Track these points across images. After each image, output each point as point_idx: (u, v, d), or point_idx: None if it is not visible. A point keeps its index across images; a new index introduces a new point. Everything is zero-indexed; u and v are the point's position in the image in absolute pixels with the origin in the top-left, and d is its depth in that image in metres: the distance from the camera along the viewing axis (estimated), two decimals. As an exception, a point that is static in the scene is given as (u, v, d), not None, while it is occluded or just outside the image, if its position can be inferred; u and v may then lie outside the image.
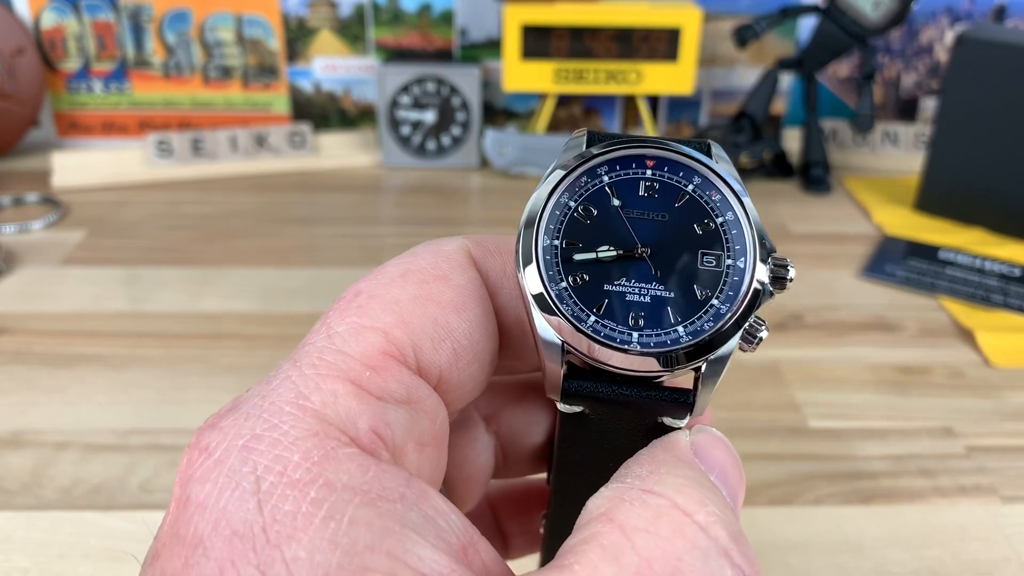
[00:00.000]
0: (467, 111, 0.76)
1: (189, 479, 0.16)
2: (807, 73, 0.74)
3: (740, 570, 0.16)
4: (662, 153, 0.20)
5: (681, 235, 0.19)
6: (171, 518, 0.16)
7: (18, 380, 0.46)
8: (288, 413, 0.16)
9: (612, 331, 0.19)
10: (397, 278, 0.19)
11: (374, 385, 0.17)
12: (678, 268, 0.19)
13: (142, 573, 0.16)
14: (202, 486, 0.16)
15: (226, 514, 0.15)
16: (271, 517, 0.15)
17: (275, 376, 0.17)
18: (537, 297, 0.19)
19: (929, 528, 0.37)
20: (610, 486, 0.17)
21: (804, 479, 0.40)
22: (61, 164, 0.72)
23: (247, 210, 0.69)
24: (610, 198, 0.20)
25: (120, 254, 0.61)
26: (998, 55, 0.62)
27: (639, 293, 0.19)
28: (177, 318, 0.52)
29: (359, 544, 0.15)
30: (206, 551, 0.15)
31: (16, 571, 0.34)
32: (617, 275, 0.19)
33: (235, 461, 0.16)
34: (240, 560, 0.15)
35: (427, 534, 0.16)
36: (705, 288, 0.19)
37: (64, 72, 0.78)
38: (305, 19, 0.77)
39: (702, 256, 0.19)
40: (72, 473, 0.39)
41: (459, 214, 0.69)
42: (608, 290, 0.19)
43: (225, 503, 0.15)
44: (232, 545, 0.15)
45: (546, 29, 0.71)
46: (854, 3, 0.69)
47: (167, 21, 0.77)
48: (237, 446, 0.16)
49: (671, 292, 0.19)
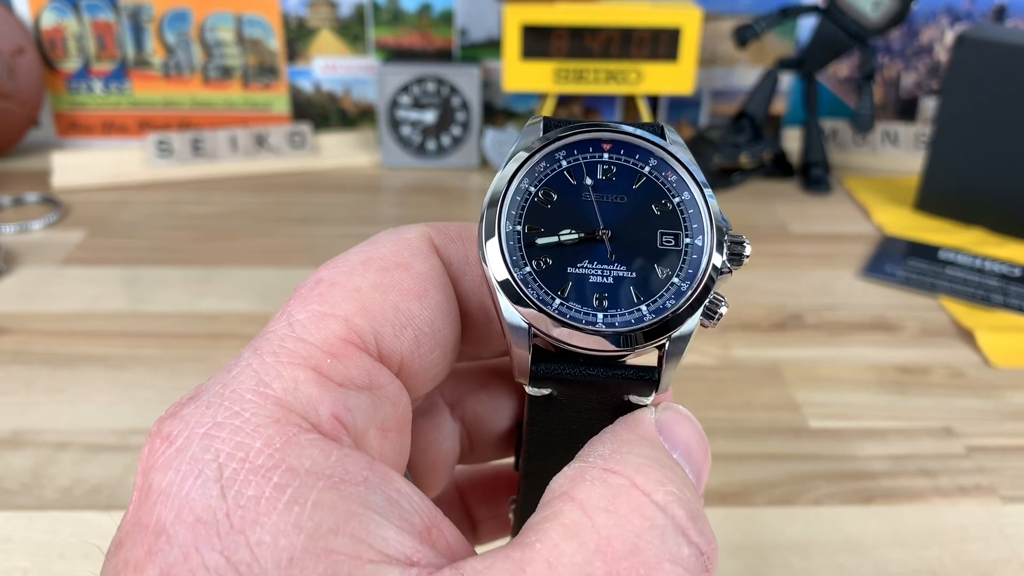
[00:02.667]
0: (467, 111, 0.76)
1: (151, 468, 0.16)
2: (807, 73, 0.74)
3: (697, 548, 0.16)
4: (618, 137, 0.20)
5: (640, 216, 0.20)
6: (133, 507, 0.16)
7: (18, 380, 0.46)
8: (249, 400, 0.16)
9: (577, 313, 0.19)
10: (358, 266, 0.19)
11: (335, 372, 0.17)
12: (638, 248, 0.20)
13: (105, 563, 0.16)
14: (164, 474, 0.16)
15: (189, 501, 0.15)
16: (235, 503, 0.15)
17: (236, 364, 0.18)
18: (503, 283, 0.19)
19: (929, 528, 0.37)
20: (573, 465, 0.17)
21: (804, 479, 0.40)
22: (61, 164, 0.72)
23: (247, 210, 0.69)
24: (569, 182, 0.20)
25: (120, 254, 0.61)
26: (998, 55, 0.62)
27: (602, 274, 0.19)
28: (177, 318, 0.52)
29: (323, 527, 0.15)
30: (169, 538, 0.15)
31: (16, 571, 0.34)
32: (580, 258, 0.19)
33: (197, 449, 0.16)
34: (204, 546, 0.15)
35: (391, 516, 0.16)
36: (665, 267, 0.19)
37: (64, 72, 0.78)
38: (305, 19, 0.77)
39: (661, 236, 0.20)
40: (72, 473, 0.39)
41: (459, 214, 0.69)
42: (571, 273, 0.19)
43: (188, 490, 0.15)
44: (196, 531, 0.15)
45: (546, 29, 0.71)
46: (854, 3, 0.69)
47: (167, 21, 0.77)
48: (199, 434, 0.16)
49: (633, 272, 0.19)
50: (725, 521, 0.37)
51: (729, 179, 0.74)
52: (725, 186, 0.74)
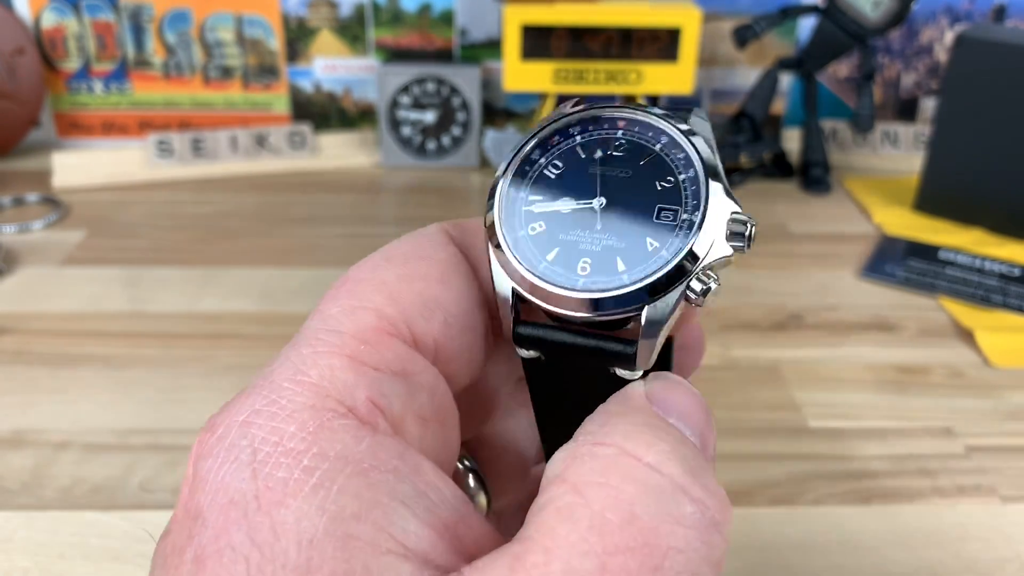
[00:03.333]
0: (467, 111, 0.76)
1: (197, 458, 0.17)
2: (807, 73, 0.74)
3: (700, 503, 0.16)
4: (634, 115, 0.21)
5: (641, 190, 0.20)
6: (183, 498, 0.16)
7: (18, 380, 0.46)
8: (286, 388, 0.17)
9: (559, 275, 0.19)
10: (381, 262, 0.20)
11: (370, 357, 0.18)
12: (633, 221, 0.19)
13: (156, 550, 0.17)
14: (204, 462, 0.16)
15: (223, 485, 0.16)
16: (264, 485, 0.15)
17: (275, 359, 0.18)
18: (495, 244, 0.20)
19: (929, 528, 0.37)
20: (565, 447, 0.17)
21: (804, 479, 0.40)
22: (61, 164, 0.72)
23: (247, 210, 0.69)
24: (579, 156, 0.20)
25: (120, 254, 0.61)
26: (998, 55, 0.62)
27: (591, 243, 0.19)
28: (177, 318, 0.52)
29: (346, 512, 0.15)
30: (204, 521, 0.15)
31: (16, 571, 0.34)
32: (573, 226, 0.20)
33: (235, 436, 0.16)
34: (232, 526, 0.15)
35: (416, 507, 0.16)
36: (656, 240, 0.19)
37: (64, 72, 0.78)
38: (305, 19, 0.77)
39: (659, 211, 0.19)
40: (72, 473, 0.40)
41: (459, 214, 0.69)
42: (562, 239, 0.19)
43: (223, 475, 0.16)
44: (227, 513, 0.15)
45: (546, 29, 0.71)
46: (854, 3, 0.69)
47: (167, 21, 0.77)
48: (237, 422, 0.17)
49: (623, 243, 0.19)
50: (725, 521, 0.37)
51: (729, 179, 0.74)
52: (725, 186, 0.74)
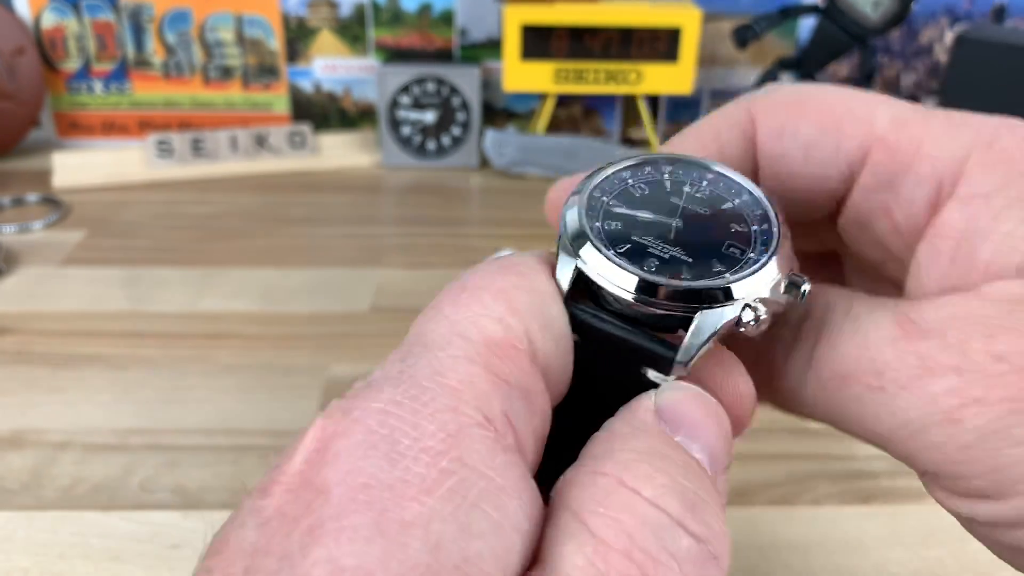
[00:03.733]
0: (467, 111, 0.76)
1: (332, 435, 0.16)
2: (807, 73, 0.74)
3: (695, 538, 0.16)
4: (725, 171, 0.22)
5: (715, 226, 0.21)
6: (300, 467, 0.16)
7: (19, 380, 0.46)
8: (426, 387, 0.16)
9: (626, 262, 0.20)
10: (498, 271, 0.19)
11: (502, 370, 0.17)
12: (704, 243, 0.20)
13: (252, 506, 0.16)
14: (339, 440, 0.16)
15: (358, 467, 0.15)
16: (400, 477, 0.15)
17: (406, 356, 0.18)
18: (573, 229, 0.20)
19: (929, 528, 0.37)
20: (571, 469, 0.17)
21: (804, 479, 0.40)
22: (61, 164, 0.72)
23: (247, 210, 0.69)
24: (664, 187, 0.22)
25: (120, 254, 0.61)
26: (997, 55, 0.62)
27: (660, 250, 0.20)
28: (177, 318, 0.53)
29: (473, 529, 0.15)
30: (328, 498, 0.15)
31: (16, 571, 0.34)
32: (647, 232, 0.20)
33: (373, 422, 0.16)
34: (362, 508, 0.15)
35: (527, 546, 0.16)
36: (721, 265, 0.20)
37: (64, 72, 0.78)
38: (305, 19, 0.78)
39: (729, 245, 0.20)
40: (73, 473, 0.40)
41: (459, 214, 0.69)
42: (635, 239, 0.20)
43: (359, 457, 0.15)
44: (357, 495, 0.15)
45: (546, 29, 0.72)
46: (854, 3, 0.69)
47: (167, 21, 0.77)
48: (375, 408, 0.16)
49: (690, 258, 0.20)
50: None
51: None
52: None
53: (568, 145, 0.75)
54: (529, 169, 0.75)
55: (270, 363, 0.48)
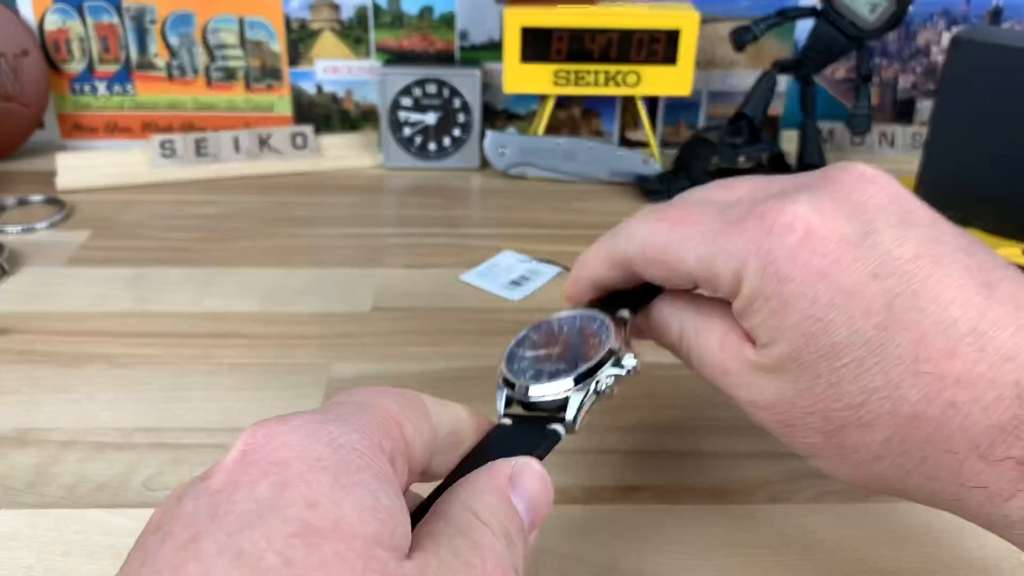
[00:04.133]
0: (468, 113, 0.76)
1: (264, 435, 0.23)
2: (804, 75, 0.74)
3: (518, 553, 0.25)
4: (585, 312, 0.34)
5: (579, 344, 0.33)
6: (239, 455, 0.23)
7: (23, 379, 0.47)
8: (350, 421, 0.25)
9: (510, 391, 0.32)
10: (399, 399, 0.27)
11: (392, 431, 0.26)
12: (572, 358, 0.32)
13: (199, 487, 0.22)
14: (277, 436, 0.23)
15: (302, 444, 0.23)
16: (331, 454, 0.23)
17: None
18: (499, 373, 0.33)
19: (928, 526, 0.38)
20: (449, 491, 0.26)
21: (802, 476, 0.40)
22: (65, 165, 0.73)
23: (250, 211, 0.69)
24: (553, 330, 0.34)
25: (124, 254, 0.61)
26: (994, 57, 0.63)
27: (546, 370, 0.32)
28: (181, 317, 0.53)
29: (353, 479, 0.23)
30: (286, 465, 0.22)
31: (20, 568, 0.35)
32: (535, 362, 0.32)
33: (303, 423, 0.24)
34: (315, 469, 0.22)
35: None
36: (566, 374, 0.31)
37: (68, 74, 0.78)
38: (307, 22, 0.78)
39: (577, 360, 0.31)
40: (77, 471, 0.40)
41: (460, 214, 0.70)
42: (532, 368, 0.32)
43: (302, 437, 0.23)
44: (310, 463, 0.23)
45: (546, 31, 0.72)
46: (851, 6, 0.69)
47: (170, 23, 0.77)
48: (306, 417, 0.25)
49: (554, 372, 0.31)
50: (723, 518, 0.38)
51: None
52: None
53: (567, 146, 0.75)
54: (529, 170, 0.76)
55: (273, 362, 0.48)
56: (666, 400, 0.45)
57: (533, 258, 0.61)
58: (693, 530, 0.37)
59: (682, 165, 0.75)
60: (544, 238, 0.65)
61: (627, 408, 0.44)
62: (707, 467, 0.41)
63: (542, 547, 0.36)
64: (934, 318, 0.27)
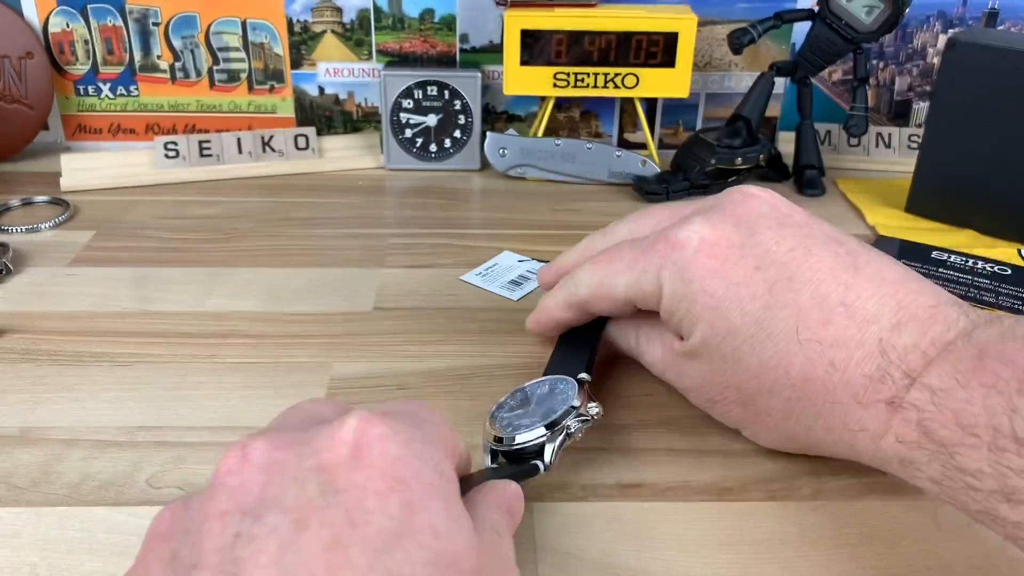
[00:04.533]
0: (468, 115, 0.77)
1: (363, 429, 0.27)
2: (801, 77, 0.75)
3: (504, 535, 0.29)
4: (555, 378, 0.41)
5: (550, 401, 0.39)
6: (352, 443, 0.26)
7: (27, 378, 0.47)
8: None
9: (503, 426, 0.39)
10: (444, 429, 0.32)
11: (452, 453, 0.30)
12: (541, 413, 0.39)
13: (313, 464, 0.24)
14: (372, 433, 0.27)
15: (390, 450, 0.26)
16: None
17: None
18: (484, 433, 0.39)
19: (927, 525, 0.38)
20: (478, 489, 0.31)
21: (801, 475, 0.41)
22: (69, 166, 0.73)
23: (253, 211, 0.69)
24: (526, 394, 0.41)
25: (128, 254, 0.62)
26: (989, 59, 0.63)
27: (524, 425, 0.38)
28: (184, 317, 0.53)
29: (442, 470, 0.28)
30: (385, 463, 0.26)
31: (24, 566, 0.35)
32: (513, 419, 0.39)
33: (400, 428, 0.27)
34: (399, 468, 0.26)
35: None
36: (541, 425, 0.38)
37: (72, 75, 0.79)
38: (309, 24, 0.78)
39: (548, 412, 0.38)
40: (80, 469, 0.40)
41: (461, 215, 0.70)
42: (511, 423, 0.39)
43: (397, 445, 0.27)
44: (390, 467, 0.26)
45: (545, 34, 0.72)
46: (848, 8, 0.70)
47: (173, 26, 0.78)
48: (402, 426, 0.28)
49: (527, 424, 0.38)
50: (722, 516, 0.38)
51: (725, 181, 0.75)
52: (721, 188, 0.75)
53: (567, 148, 0.75)
54: (528, 171, 0.76)
55: (275, 361, 0.49)
56: (665, 399, 0.45)
57: (533, 258, 0.62)
58: (692, 527, 0.37)
59: (680, 166, 0.75)
60: (544, 238, 0.65)
61: (626, 406, 0.45)
62: (705, 465, 0.41)
63: (542, 544, 0.36)
64: (809, 295, 0.34)
